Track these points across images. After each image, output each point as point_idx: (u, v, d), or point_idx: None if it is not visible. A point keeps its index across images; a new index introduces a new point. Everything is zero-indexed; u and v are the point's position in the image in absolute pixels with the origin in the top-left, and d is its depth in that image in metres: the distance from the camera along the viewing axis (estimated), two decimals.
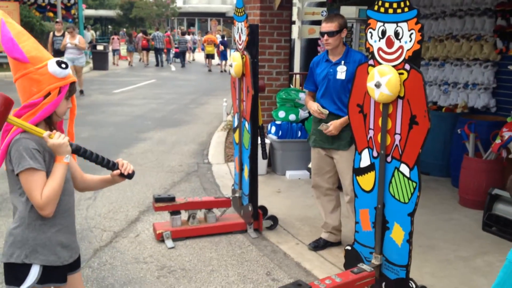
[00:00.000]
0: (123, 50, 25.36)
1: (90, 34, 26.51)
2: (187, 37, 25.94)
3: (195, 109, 11.13)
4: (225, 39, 24.79)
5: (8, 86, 9.56)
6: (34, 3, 19.65)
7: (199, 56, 28.23)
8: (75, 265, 2.22)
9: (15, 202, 2.06)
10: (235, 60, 3.99)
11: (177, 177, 5.92)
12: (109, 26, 45.13)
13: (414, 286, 2.92)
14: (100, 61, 19.85)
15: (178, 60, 24.24)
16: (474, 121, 5.16)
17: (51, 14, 21.31)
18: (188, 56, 26.94)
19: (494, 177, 4.82)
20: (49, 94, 2.02)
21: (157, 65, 23.00)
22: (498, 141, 4.81)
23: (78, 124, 8.83)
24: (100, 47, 20.24)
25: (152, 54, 24.45)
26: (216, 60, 23.74)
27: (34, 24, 17.71)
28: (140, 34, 24.86)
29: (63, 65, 2.05)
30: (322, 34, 3.70)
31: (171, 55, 25.34)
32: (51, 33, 12.45)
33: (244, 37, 3.97)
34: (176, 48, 24.10)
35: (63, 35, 11.92)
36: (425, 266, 3.69)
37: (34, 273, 2.04)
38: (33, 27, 17.32)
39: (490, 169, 4.86)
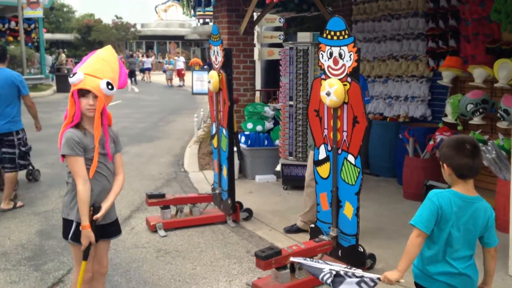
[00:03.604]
0: None
1: (64, 56, 27.50)
2: (145, 59, 27.93)
3: (164, 127, 11.83)
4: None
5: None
6: None
7: (157, 77, 29.41)
8: (105, 233, 2.89)
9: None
10: (213, 77, 4.80)
11: (158, 183, 6.62)
12: (65, 50, 45.15)
13: (362, 249, 3.77)
14: (64, 83, 20.27)
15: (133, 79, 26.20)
16: (412, 127, 6.16)
17: (10, 39, 21.55)
18: (145, 76, 28.39)
19: (430, 172, 5.78)
20: None
21: None
22: (431, 143, 5.82)
23: None
24: (64, 70, 20.82)
25: None
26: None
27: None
28: None
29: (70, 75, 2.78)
30: None
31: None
32: None
33: (220, 59, 4.80)
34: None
35: None
36: (374, 241, 4.54)
37: (73, 228, 2.78)
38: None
39: (426, 166, 5.84)
